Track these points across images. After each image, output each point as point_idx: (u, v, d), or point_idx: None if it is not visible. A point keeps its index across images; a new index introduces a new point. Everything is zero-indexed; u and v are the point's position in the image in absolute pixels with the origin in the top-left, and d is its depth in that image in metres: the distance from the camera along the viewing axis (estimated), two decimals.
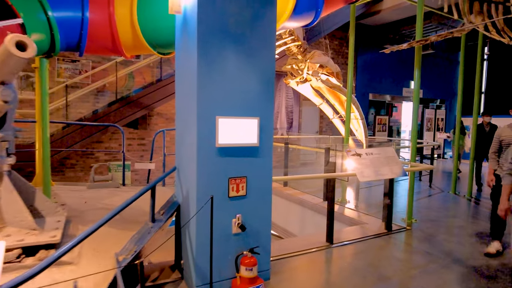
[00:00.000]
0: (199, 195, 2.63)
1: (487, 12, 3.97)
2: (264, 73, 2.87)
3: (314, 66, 7.43)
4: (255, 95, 2.84)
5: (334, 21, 10.07)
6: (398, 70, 13.75)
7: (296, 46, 7.34)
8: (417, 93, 4.95)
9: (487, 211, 5.85)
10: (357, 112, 7.86)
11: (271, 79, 2.92)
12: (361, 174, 3.78)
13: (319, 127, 12.14)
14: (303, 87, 8.07)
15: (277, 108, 10.77)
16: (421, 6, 4.86)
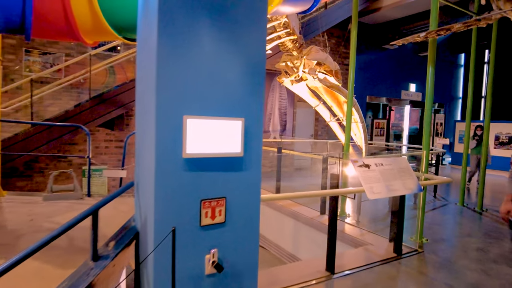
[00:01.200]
0: (158, 224, 1.91)
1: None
2: (252, 59, 2.16)
3: (311, 63, 6.75)
4: (238, 88, 2.12)
5: (332, 17, 9.42)
6: (397, 72, 13.16)
7: (291, 40, 6.64)
8: (431, 94, 4.30)
9: (504, 228, 5.20)
10: (357, 115, 7.19)
11: (261, 67, 2.22)
12: (371, 190, 3.08)
13: (314, 130, 11.46)
14: (298, 86, 7.38)
15: (270, 110, 10.07)
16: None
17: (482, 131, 8.10)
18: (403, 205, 3.76)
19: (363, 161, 3.25)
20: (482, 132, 8.37)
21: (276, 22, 6.05)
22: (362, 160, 3.26)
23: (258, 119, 2.23)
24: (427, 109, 4.37)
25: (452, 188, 8.60)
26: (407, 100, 13.86)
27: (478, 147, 8.39)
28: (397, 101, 13.71)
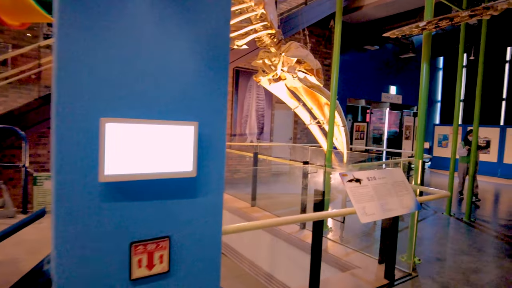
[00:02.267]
0: (61, 280, 1.25)
1: None
2: (210, 41, 1.54)
3: (290, 61, 6.18)
4: (191, 80, 1.49)
5: (313, 13, 8.92)
6: (377, 74, 12.86)
7: (268, 35, 6.05)
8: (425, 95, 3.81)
9: (499, 242, 4.80)
10: (339, 118, 6.70)
11: (222, 52, 1.60)
12: (363, 211, 2.52)
13: (294, 133, 10.94)
14: (276, 86, 6.80)
15: (247, 111, 9.45)
16: None
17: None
18: (397, 224, 3.23)
19: (354, 175, 2.68)
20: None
21: (252, 14, 5.45)
22: (352, 173, 2.69)
23: (219, 123, 1.61)
24: (420, 111, 3.88)
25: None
26: (387, 103, 13.60)
27: (469, 156, 7.35)
28: (377, 103, 13.42)
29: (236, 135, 9.27)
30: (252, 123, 9.58)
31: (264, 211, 5.85)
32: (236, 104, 9.20)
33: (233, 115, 9.18)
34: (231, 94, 9.14)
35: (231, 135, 9.16)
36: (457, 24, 3.27)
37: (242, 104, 9.33)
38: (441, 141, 13.91)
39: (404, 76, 13.76)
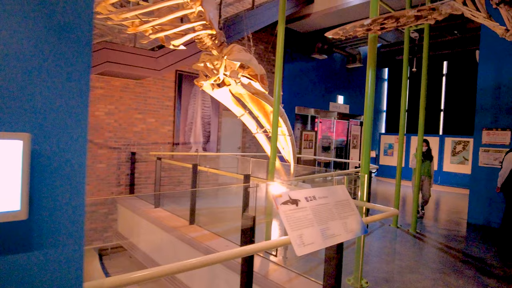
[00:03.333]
0: None
1: None
2: (52, 13, 1.00)
3: (233, 64, 5.74)
4: (20, 68, 0.94)
5: (260, 19, 8.62)
6: (325, 83, 12.90)
7: (209, 36, 5.56)
8: (371, 103, 3.53)
9: (443, 255, 4.67)
10: (285, 127, 6.35)
11: (81, 32, 1.06)
12: (300, 240, 2.08)
13: (242, 142, 10.51)
14: (220, 92, 6.30)
15: (191, 119, 8.84)
16: None
17: (428, 147, 7.10)
18: (341, 250, 2.85)
19: (290, 195, 2.25)
20: (427, 148, 7.10)
21: (189, 11, 4.93)
22: (288, 193, 2.25)
23: (73, 135, 1.06)
24: (366, 122, 3.60)
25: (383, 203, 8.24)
26: (335, 112, 13.70)
27: (424, 167, 6.88)
28: (325, 112, 13.47)
29: (180, 144, 8.62)
30: (197, 131, 8.99)
31: (203, 230, 5.28)
32: (179, 111, 8.57)
33: (176, 122, 8.52)
34: (173, 99, 8.49)
35: (174, 144, 8.49)
36: (402, 26, 3.02)
37: (186, 110, 8.71)
38: (386, 150, 14.29)
39: (351, 86, 13.99)
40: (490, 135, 6.61)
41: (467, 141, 11.67)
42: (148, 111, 8.13)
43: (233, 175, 5.11)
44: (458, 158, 11.88)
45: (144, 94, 8.06)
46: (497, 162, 6.50)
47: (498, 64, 6.69)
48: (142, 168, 8.08)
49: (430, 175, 6.96)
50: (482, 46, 7.05)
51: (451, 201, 9.56)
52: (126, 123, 7.82)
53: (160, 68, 7.10)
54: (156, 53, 7.01)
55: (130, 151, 7.87)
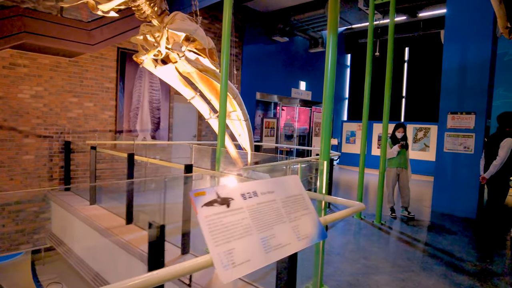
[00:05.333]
0: None
1: None
2: None
3: (176, 36, 4.92)
4: None
5: None
6: (287, 68, 12.30)
7: (147, 2, 4.70)
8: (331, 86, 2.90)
9: (411, 250, 4.23)
10: (240, 111, 5.66)
11: None
12: (228, 259, 1.40)
13: (198, 130, 9.68)
14: (164, 70, 5.48)
15: (137, 103, 7.88)
16: None
17: (405, 133, 6.04)
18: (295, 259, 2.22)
19: (218, 192, 1.54)
20: (404, 134, 6.03)
21: None
22: (215, 189, 1.55)
23: None
24: (325, 107, 2.97)
25: (346, 193, 7.82)
26: (297, 99, 13.20)
27: (400, 156, 5.91)
28: (288, 99, 12.92)
29: (123, 132, 7.66)
30: (145, 117, 8.06)
31: (142, 230, 4.50)
32: (123, 94, 7.59)
33: (119, 107, 7.54)
34: (115, 81, 7.49)
35: (116, 131, 7.52)
36: None
37: (130, 94, 7.74)
38: (349, 138, 14.05)
39: (314, 72, 13.51)
40: (455, 119, 6.31)
41: (428, 128, 11.62)
42: (85, 94, 7.09)
43: (175, 166, 4.36)
44: (419, 145, 11.82)
45: (80, 74, 7.01)
46: (462, 147, 6.22)
47: (463, 45, 6.37)
48: (80, 160, 7.08)
49: (407, 166, 5.95)
50: (447, 27, 6.71)
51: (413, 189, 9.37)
52: (59, 107, 6.76)
53: (94, 43, 6.10)
54: (89, 24, 6.00)
55: (64, 139, 6.84)
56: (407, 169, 5.90)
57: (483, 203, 6.20)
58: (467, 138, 6.16)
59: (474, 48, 6.26)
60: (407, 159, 5.93)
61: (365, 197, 7.55)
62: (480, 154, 6.13)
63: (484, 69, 6.13)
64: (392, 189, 5.94)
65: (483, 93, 6.15)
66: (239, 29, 10.31)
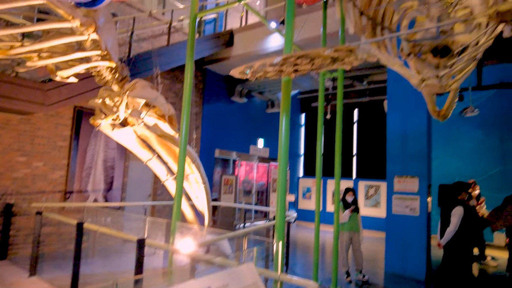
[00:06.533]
0: None
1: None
2: None
3: (136, 102, 5.01)
4: None
5: (174, 57, 8.12)
6: (246, 126, 12.71)
7: (108, 68, 4.81)
8: (285, 145, 3.09)
9: None
10: (198, 174, 5.67)
11: None
12: None
13: (153, 189, 9.45)
14: (122, 133, 5.45)
15: (90, 163, 7.64)
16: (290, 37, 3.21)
17: (355, 196, 6.40)
18: None
19: None
20: (354, 197, 6.37)
21: (80, 38, 4.16)
22: None
23: None
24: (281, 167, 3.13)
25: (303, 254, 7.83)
26: (256, 156, 13.49)
27: (351, 220, 6.13)
28: (246, 156, 13.16)
29: (74, 193, 7.28)
30: (98, 176, 7.77)
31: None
32: (76, 152, 7.34)
33: (71, 166, 7.24)
34: (69, 139, 7.27)
35: (66, 192, 7.14)
36: (317, 69, 2.71)
37: (84, 152, 7.51)
38: (305, 193, 14.37)
39: (271, 130, 14.04)
40: (401, 182, 6.78)
41: (378, 185, 12.26)
42: (35, 152, 6.77)
43: (127, 237, 4.19)
44: (371, 201, 12.35)
45: (31, 132, 6.74)
46: (408, 209, 6.62)
47: (404, 114, 7.07)
48: (23, 224, 6.54)
49: (359, 229, 6.12)
50: (389, 96, 7.45)
51: (367, 247, 9.61)
52: (3, 167, 6.35)
53: (50, 103, 6.00)
54: (46, 84, 5.94)
55: (6, 202, 6.35)
56: (359, 233, 6.12)
57: (431, 265, 6.50)
58: (413, 201, 6.60)
59: (413, 117, 6.96)
60: (358, 223, 6.17)
61: (322, 258, 7.60)
62: (425, 216, 6.55)
63: (422, 136, 6.79)
64: (346, 253, 6.10)
65: (423, 158, 6.73)
66: (200, 89, 10.67)
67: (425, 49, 3.07)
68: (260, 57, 9.41)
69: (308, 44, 7.97)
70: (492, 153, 10.98)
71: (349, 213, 6.04)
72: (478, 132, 11.17)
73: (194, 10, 4.21)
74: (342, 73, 6.02)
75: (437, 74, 2.85)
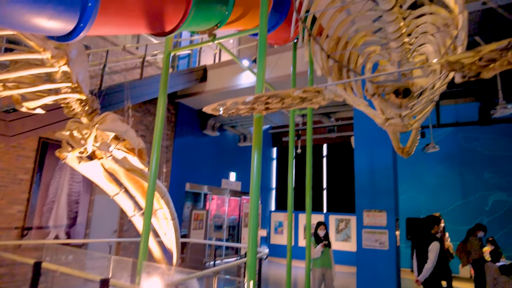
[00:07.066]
0: None
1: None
2: None
3: (105, 136, 4.91)
4: None
5: (146, 90, 8.13)
6: (218, 159, 12.67)
7: (78, 101, 4.73)
8: (257, 182, 3.11)
9: None
10: (167, 209, 5.52)
11: None
12: None
13: (120, 224, 9.05)
14: (89, 166, 5.27)
15: (53, 197, 7.26)
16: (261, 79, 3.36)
17: (327, 230, 6.38)
18: None
19: None
20: (326, 232, 6.35)
21: (51, 69, 4.11)
22: None
23: None
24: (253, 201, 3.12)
25: None
26: (228, 190, 13.37)
27: (323, 256, 6.08)
28: (218, 189, 13.01)
29: (33, 229, 6.83)
30: (61, 211, 7.37)
31: None
32: (38, 186, 6.97)
33: (31, 200, 6.84)
34: (31, 172, 6.92)
35: (24, 228, 6.68)
36: (287, 108, 2.81)
37: (47, 186, 7.15)
38: (277, 228, 14.26)
39: (243, 164, 14.07)
40: (370, 216, 6.91)
41: (349, 219, 12.41)
42: None
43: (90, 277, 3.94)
44: (341, 235, 12.42)
45: None
46: (378, 243, 6.71)
47: (370, 150, 7.34)
48: None
49: (331, 265, 6.03)
50: (356, 133, 7.76)
51: (340, 282, 9.54)
52: None
53: (13, 134, 5.75)
54: (8, 115, 5.72)
55: None
56: (331, 269, 6.08)
57: None
58: (382, 235, 6.72)
59: (379, 153, 7.24)
60: (330, 258, 6.15)
61: None
62: (394, 250, 6.66)
63: (389, 172, 7.05)
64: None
65: (390, 193, 6.95)
66: (172, 122, 10.64)
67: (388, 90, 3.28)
68: (233, 92, 9.63)
69: (280, 82, 8.26)
70: (454, 187, 11.53)
71: (321, 248, 6.02)
72: (440, 167, 11.76)
73: (168, 47, 4.31)
74: (311, 110, 6.24)
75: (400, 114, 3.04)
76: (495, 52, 1.55)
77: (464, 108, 10.90)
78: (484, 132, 11.16)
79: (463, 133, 11.56)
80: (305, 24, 2.53)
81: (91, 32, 2.46)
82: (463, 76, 1.99)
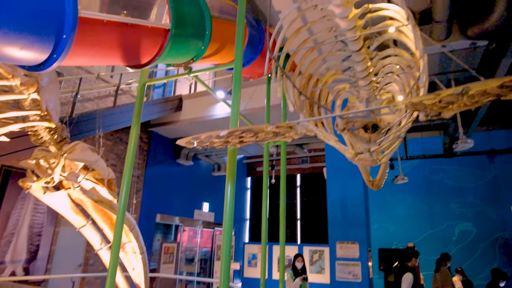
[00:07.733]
0: None
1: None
2: None
3: (74, 165, 4.75)
4: None
5: (119, 118, 8.01)
6: (191, 189, 12.45)
7: (46, 129, 4.59)
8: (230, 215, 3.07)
9: None
10: (135, 242, 5.31)
11: None
12: None
13: (85, 258, 8.56)
14: (55, 197, 5.05)
15: (13, 229, 6.81)
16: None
17: (303, 262, 6.31)
18: None
19: None
20: (303, 264, 6.28)
21: (19, 96, 3.99)
22: None
23: None
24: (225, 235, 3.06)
25: None
26: (200, 221, 13.06)
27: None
28: (190, 221, 12.68)
29: None
30: (20, 245, 6.90)
31: None
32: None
33: None
34: None
35: None
36: (261, 141, 2.86)
37: (7, 217, 6.72)
38: (250, 261, 13.93)
39: (217, 194, 13.88)
40: (343, 248, 6.93)
41: (322, 250, 12.35)
42: None
43: None
44: (315, 267, 12.29)
45: None
46: (351, 275, 6.70)
47: (342, 181, 7.48)
48: None
49: None
50: (328, 165, 7.91)
51: None
52: None
53: None
54: None
55: None
56: None
57: None
58: (355, 267, 6.72)
59: (350, 184, 7.38)
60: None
61: None
62: (367, 282, 6.65)
63: (360, 203, 7.17)
64: None
65: (362, 224, 7.04)
66: (144, 151, 10.45)
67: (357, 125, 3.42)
68: (208, 122, 9.67)
69: (254, 114, 8.41)
70: (423, 217, 11.84)
71: (300, 281, 5.91)
72: (410, 198, 12.10)
73: (143, 78, 4.33)
74: (284, 142, 6.35)
75: (368, 149, 3.16)
76: (452, 96, 1.68)
77: (430, 141, 11.44)
78: (449, 164, 11.70)
79: (430, 165, 12.05)
80: (278, 63, 2.64)
81: (65, 63, 2.45)
82: (426, 115, 2.13)
